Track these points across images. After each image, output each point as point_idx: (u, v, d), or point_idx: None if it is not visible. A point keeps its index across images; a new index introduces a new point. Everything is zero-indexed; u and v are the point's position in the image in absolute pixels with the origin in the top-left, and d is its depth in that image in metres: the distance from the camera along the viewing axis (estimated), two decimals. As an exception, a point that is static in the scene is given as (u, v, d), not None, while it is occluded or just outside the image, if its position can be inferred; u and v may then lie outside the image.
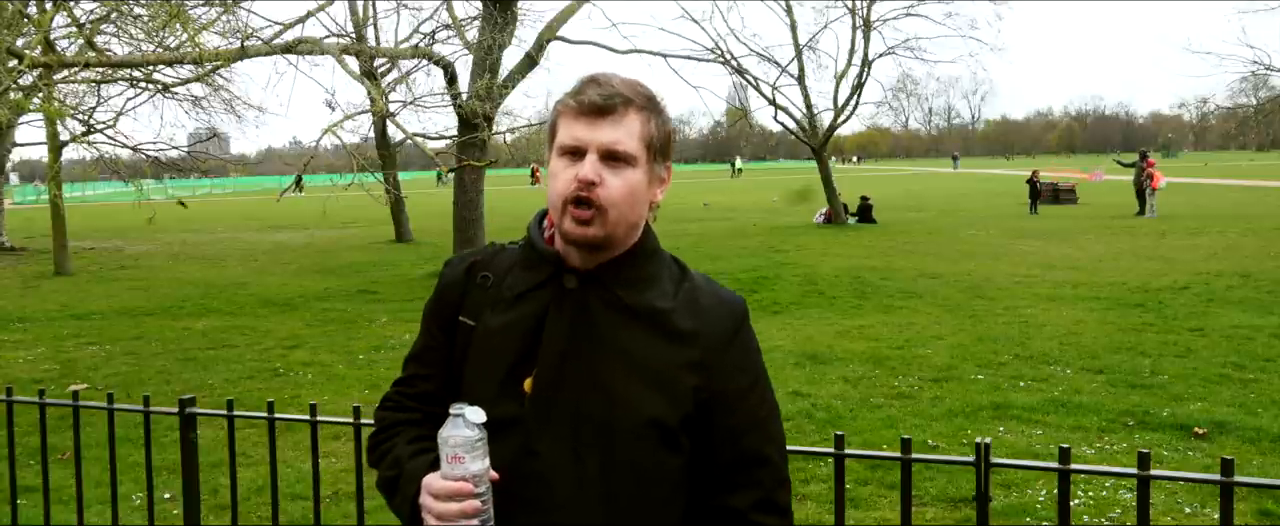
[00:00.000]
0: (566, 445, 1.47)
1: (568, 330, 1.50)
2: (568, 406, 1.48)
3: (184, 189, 62.69)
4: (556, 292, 1.52)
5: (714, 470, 1.53)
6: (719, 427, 1.52)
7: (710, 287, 1.58)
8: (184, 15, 11.89)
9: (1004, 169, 75.67)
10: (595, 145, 1.47)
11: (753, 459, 1.54)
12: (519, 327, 1.52)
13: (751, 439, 1.54)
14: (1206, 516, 4.55)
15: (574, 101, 1.49)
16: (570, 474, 1.47)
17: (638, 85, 1.53)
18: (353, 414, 2.85)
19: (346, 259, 18.40)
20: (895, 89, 30.17)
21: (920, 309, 10.77)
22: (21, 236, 24.24)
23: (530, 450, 1.48)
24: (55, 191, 16.03)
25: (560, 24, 15.17)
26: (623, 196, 1.48)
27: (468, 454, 1.43)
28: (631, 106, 1.49)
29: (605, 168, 1.47)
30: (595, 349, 1.49)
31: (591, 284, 1.52)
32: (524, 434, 1.49)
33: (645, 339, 1.49)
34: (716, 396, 1.51)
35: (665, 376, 1.48)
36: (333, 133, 13.07)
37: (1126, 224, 21.62)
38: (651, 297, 1.52)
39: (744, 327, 1.56)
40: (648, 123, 1.50)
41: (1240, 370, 7.41)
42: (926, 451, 5.38)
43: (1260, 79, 26.18)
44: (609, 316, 1.50)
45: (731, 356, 1.53)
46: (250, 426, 5.81)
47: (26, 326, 11.13)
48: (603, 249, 1.51)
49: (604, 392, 1.47)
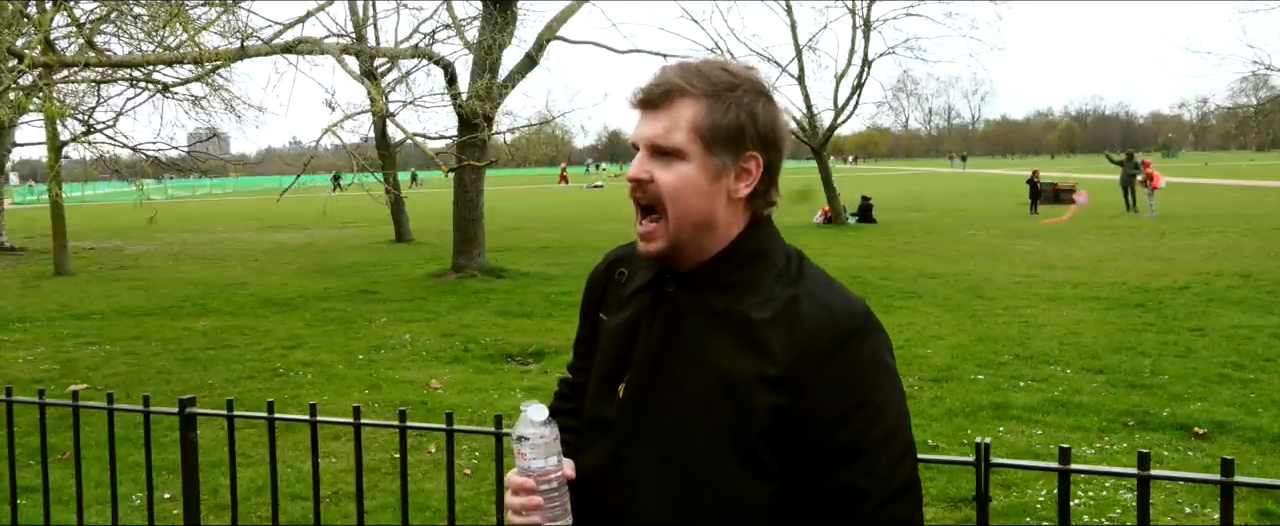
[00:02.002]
0: (653, 455, 1.41)
1: (660, 335, 1.43)
2: (656, 415, 1.41)
3: (184, 189, 62.88)
4: (656, 295, 1.46)
5: (812, 502, 1.36)
6: (811, 456, 1.35)
7: (823, 295, 1.39)
8: (184, 15, 11.89)
9: (1006, 169, 75.65)
10: (642, 140, 1.40)
11: (847, 491, 1.33)
12: (623, 329, 1.48)
13: (848, 470, 1.33)
14: (1206, 516, 4.55)
15: (631, 97, 1.42)
16: (653, 486, 1.40)
17: (708, 69, 1.40)
18: (353, 414, 2.85)
19: (346, 259, 18.39)
20: (895, 89, 30.42)
21: (920, 309, 10.77)
22: (21, 236, 24.24)
23: (618, 457, 1.44)
24: (56, 191, 16.03)
25: (560, 24, 15.18)
26: (674, 192, 1.38)
27: (530, 450, 1.43)
28: (684, 95, 1.38)
29: (655, 163, 1.39)
30: (681, 357, 1.40)
31: (687, 287, 1.43)
32: (613, 440, 1.45)
33: (728, 349, 1.37)
34: (807, 419, 1.34)
35: (741, 391, 1.35)
36: (333, 133, 13.09)
37: (1126, 224, 21.62)
38: (745, 305, 1.39)
39: (851, 343, 1.35)
40: (704, 111, 1.37)
41: (1240, 370, 7.41)
42: (926, 451, 5.38)
43: (1260, 79, 26.20)
44: (697, 323, 1.41)
45: (828, 375, 1.34)
46: (250, 426, 5.81)
47: (26, 326, 11.13)
48: (683, 255, 1.42)
49: (684, 404, 1.38)
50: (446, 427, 2.69)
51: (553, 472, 1.44)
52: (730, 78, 1.39)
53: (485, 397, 7.11)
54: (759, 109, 1.40)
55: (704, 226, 1.41)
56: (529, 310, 11.01)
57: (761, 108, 1.40)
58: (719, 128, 1.37)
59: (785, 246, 1.47)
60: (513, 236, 21.24)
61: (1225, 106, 30.37)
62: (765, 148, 1.41)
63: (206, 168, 21.18)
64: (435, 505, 4.81)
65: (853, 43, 24.54)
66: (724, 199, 1.41)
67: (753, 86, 1.40)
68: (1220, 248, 16.13)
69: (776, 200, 1.47)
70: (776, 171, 1.44)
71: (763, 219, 1.46)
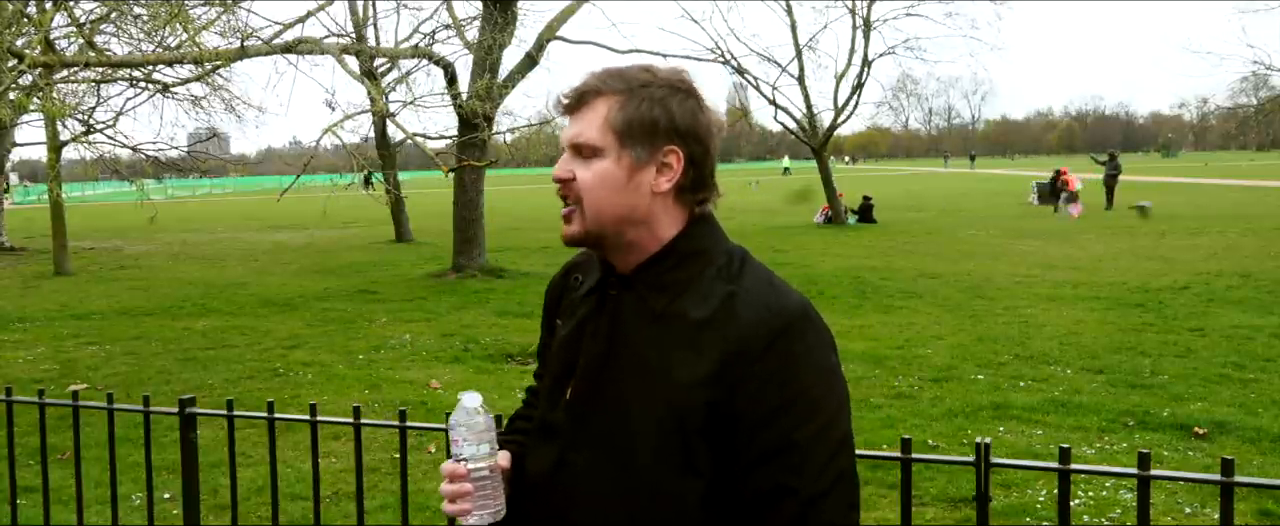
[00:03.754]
0: (596, 459, 1.42)
1: (601, 340, 1.44)
2: (599, 418, 1.42)
3: (184, 189, 62.89)
4: (601, 298, 1.48)
5: (743, 501, 1.36)
6: (742, 454, 1.34)
7: (761, 293, 1.38)
8: (184, 15, 11.89)
9: (1006, 169, 75.64)
10: (565, 140, 1.44)
11: (777, 490, 1.33)
12: (571, 333, 1.51)
13: (777, 468, 1.32)
14: (1206, 516, 4.55)
15: (555, 102, 1.47)
16: (595, 490, 1.41)
17: (628, 69, 1.44)
18: (353, 414, 2.85)
19: (346, 259, 18.39)
20: (895, 89, 30.32)
21: (920, 309, 10.77)
22: (21, 236, 24.24)
23: (563, 461, 1.45)
24: (56, 191, 16.03)
25: (560, 24, 15.18)
26: (590, 188, 1.40)
27: (462, 438, 1.45)
28: (600, 95, 1.41)
29: (576, 162, 1.42)
30: (623, 359, 1.41)
31: (628, 289, 1.44)
32: (561, 443, 1.46)
33: (666, 350, 1.37)
34: (739, 416, 1.33)
35: (678, 391, 1.35)
36: (333, 133, 13.08)
37: (1126, 224, 21.62)
38: (683, 304, 1.39)
39: (785, 341, 1.34)
40: (616, 107, 1.39)
41: (1240, 370, 7.41)
42: (926, 451, 5.38)
43: (1260, 79, 26.21)
44: (638, 325, 1.41)
45: (761, 372, 1.33)
46: (250, 426, 5.81)
47: (26, 326, 11.13)
48: (609, 248, 1.45)
49: (626, 409, 1.39)
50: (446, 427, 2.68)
51: (483, 461, 1.45)
52: (647, 76, 1.42)
53: (485, 398, 7.09)
54: (675, 104, 1.40)
55: (628, 222, 1.41)
56: (529, 310, 11.00)
57: (678, 102, 1.41)
58: (631, 121, 1.39)
59: (728, 245, 1.46)
60: (513, 236, 21.24)
61: (1225, 106, 30.41)
62: (685, 141, 1.41)
63: (206, 168, 21.17)
64: (435, 505, 4.81)
65: (853, 43, 24.55)
66: (646, 193, 1.41)
67: (670, 82, 1.41)
68: (1220, 248, 16.13)
69: (712, 196, 1.46)
70: (704, 166, 1.43)
71: (701, 217, 1.46)
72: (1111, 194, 27.05)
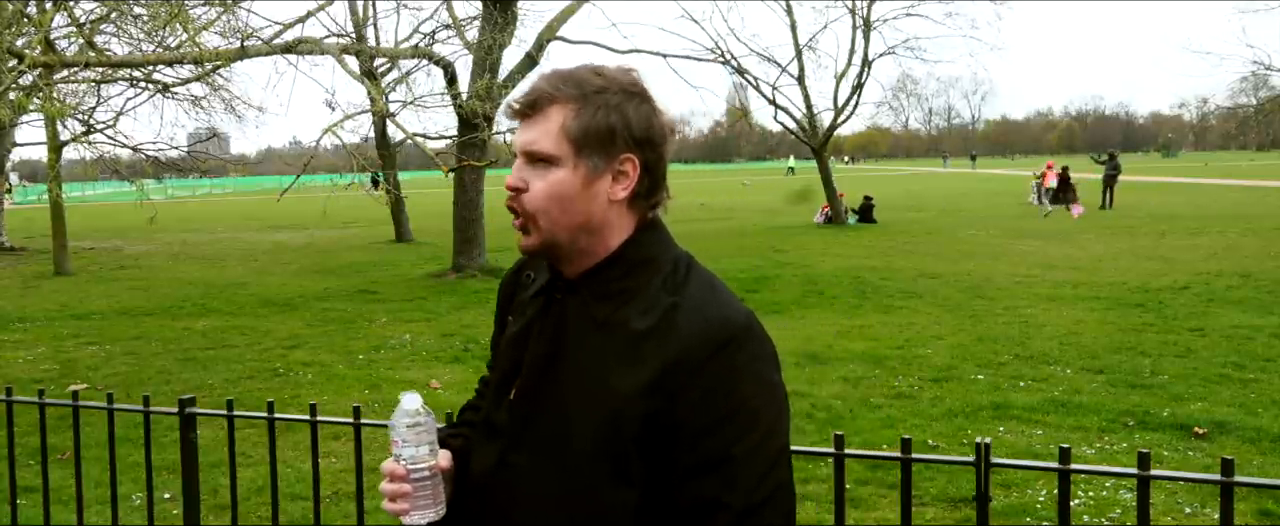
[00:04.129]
0: (534, 462, 1.42)
1: (545, 343, 1.44)
2: (539, 422, 1.42)
3: (184, 189, 62.89)
4: (547, 301, 1.48)
5: (676, 511, 1.34)
6: (676, 464, 1.33)
7: (703, 304, 1.37)
8: (184, 15, 11.89)
9: (1006, 169, 75.62)
10: (518, 148, 1.41)
11: (709, 502, 1.31)
12: (518, 334, 1.51)
13: (711, 480, 1.31)
14: (1206, 516, 4.55)
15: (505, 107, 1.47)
16: (537, 492, 1.41)
17: (580, 73, 1.40)
18: (353, 414, 2.85)
19: (346, 259, 18.39)
20: (895, 89, 30.30)
21: (920, 309, 10.77)
22: (21, 236, 24.24)
23: (505, 461, 1.45)
24: (56, 191, 16.03)
25: (560, 24, 15.19)
26: (544, 199, 1.38)
27: (401, 438, 1.45)
28: (553, 101, 1.38)
29: (531, 171, 1.40)
30: (564, 364, 1.41)
31: (574, 295, 1.44)
32: (504, 444, 1.46)
33: (607, 358, 1.36)
34: (676, 428, 1.32)
35: (617, 400, 1.34)
36: (333, 133, 13.08)
37: (1126, 224, 21.62)
38: (626, 314, 1.38)
39: (725, 353, 1.33)
40: (572, 115, 1.37)
41: (1240, 370, 7.41)
42: (926, 451, 5.38)
43: (1260, 79, 26.23)
44: (581, 331, 1.41)
45: (699, 384, 1.31)
46: (250, 426, 5.81)
47: (26, 326, 11.13)
48: (562, 256, 1.43)
49: (565, 412, 1.39)
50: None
51: (423, 462, 1.45)
52: (601, 81, 1.39)
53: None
54: (631, 110, 1.39)
55: (583, 229, 1.40)
56: (529, 310, 10.99)
57: (634, 108, 1.39)
58: (589, 130, 1.37)
59: (675, 252, 1.46)
60: (512, 236, 20.96)
61: (1225, 106, 30.44)
62: (641, 148, 1.40)
63: (206, 168, 21.17)
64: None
65: (853, 43, 24.55)
66: (603, 202, 1.40)
67: (624, 88, 1.40)
68: (1220, 248, 16.13)
69: (664, 201, 1.46)
70: (657, 171, 1.43)
71: (650, 223, 1.45)
72: (1111, 193, 27.25)
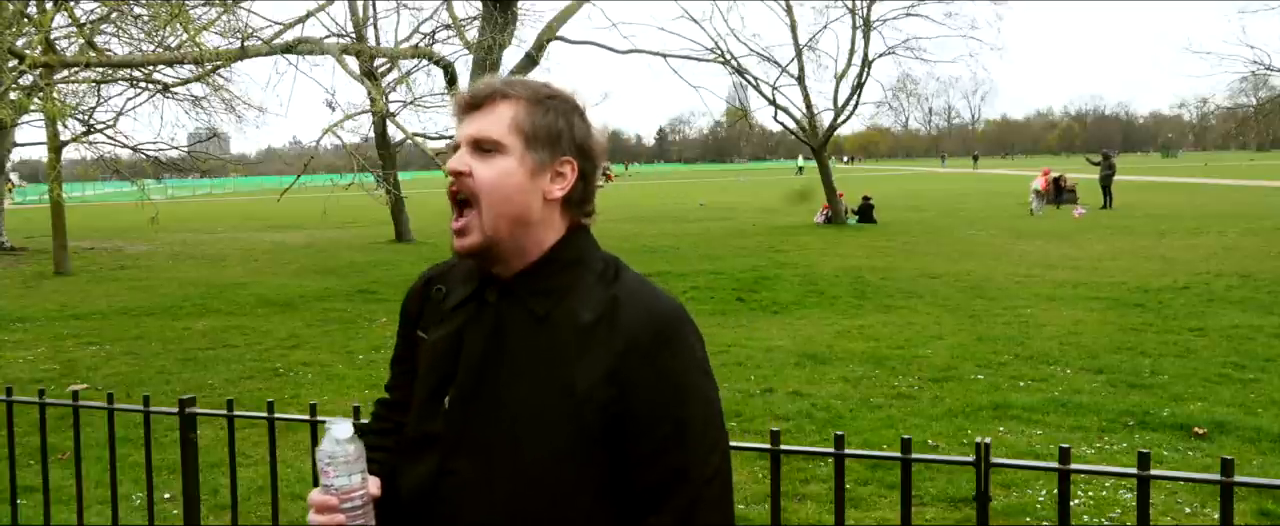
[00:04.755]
0: (481, 465, 1.43)
1: (483, 345, 1.47)
2: (483, 425, 1.44)
3: (184, 189, 62.88)
4: (479, 306, 1.50)
5: (637, 489, 1.43)
6: (638, 444, 1.42)
7: (641, 295, 1.46)
8: (184, 15, 11.90)
9: (1006, 169, 75.64)
10: (465, 137, 1.47)
11: (672, 475, 1.42)
12: (447, 342, 1.50)
13: (672, 456, 1.42)
14: (1206, 516, 4.55)
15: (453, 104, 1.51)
16: (482, 495, 1.43)
17: (529, 80, 1.50)
18: (353, 414, 2.85)
19: (346, 259, 18.39)
20: (895, 89, 30.12)
21: (920, 309, 10.76)
22: (21, 236, 24.24)
23: (445, 469, 1.46)
24: (56, 191, 16.04)
25: (560, 24, 15.18)
26: (490, 184, 1.44)
27: (333, 468, 1.43)
28: (506, 97, 1.47)
29: (474, 157, 1.46)
30: (509, 365, 1.44)
31: (509, 296, 1.48)
32: (442, 453, 1.47)
33: (555, 352, 1.42)
34: (633, 411, 1.41)
35: (573, 392, 1.40)
36: (333, 133, 13.10)
37: (1126, 224, 21.63)
38: (568, 307, 1.44)
39: (670, 338, 1.43)
40: (523, 112, 1.46)
41: (1240, 370, 7.41)
42: (926, 451, 5.38)
43: (1260, 79, 26.26)
44: (521, 329, 1.45)
45: (652, 368, 1.41)
46: (250, 426, 5.81)
47: (26, 326, 11.13)
48: (499, 256, 1.47)
49: (515, 411, 1.43)
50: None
51: (356, 490, 1.45)
52: (549, 90, 1.50)
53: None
54: (576, 120, 1.49)
55: (519, 223, 1.46)
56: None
57: (578, 119, 1.49)
58: (538, 127, 1.45)
59: (603, 254, 1.53)
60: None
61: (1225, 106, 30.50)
62: (581, 156, 1.49)
63: (206, 168, 21.20)
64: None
65: (853, 43, 24.52)
66: (540, 199, 1.47)
67: (569, 100, 1.50)
68: (1220, 248, 16.13)
69: (593, 212, 1.54)
70: (591, 183, 1.51)
71: (581, 227, 1.52)
72: (1108, 193, 27.36)
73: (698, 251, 17.59)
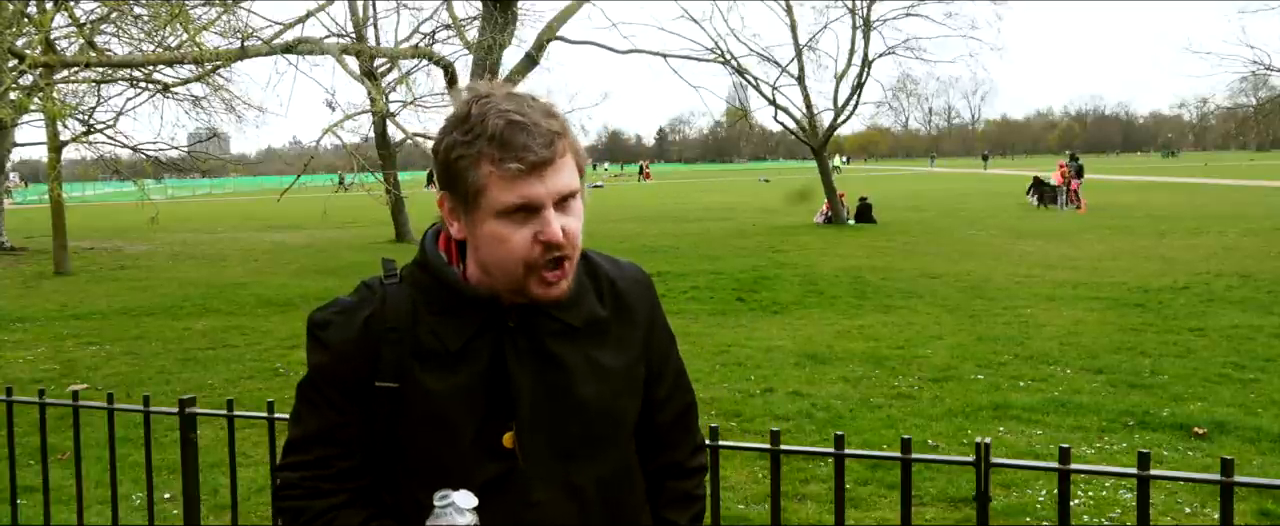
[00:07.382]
0: (560, 483, 1.44)
1: (533, 372, 1.43)
2: (556, 445, 1.44)
3: (184, 189, 62.89)
4: (502, 337, 1.42)
5: (659, 432, 1.61)
6: (662, 393, 1.59)
7: (615, 270, 1.55)
8: (184, 15, 11.90)
9: (1006, 169, 75.64)
10: (550, 195, 1.34)
11: (686, 410, 1.65)
12: (476, 385, 1.41)
13: (683, 394, 1.64)
14: (1206, 516, 4.55)
15: (517, 163, 1.31)
16: (572, 508, 1.45)
17: (549, 107, 1.38)
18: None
19: (346, 259, 18.38)
20: (895, 89, 30.17)
21: (920, 309, 10.76)
22: (21, 236, 24.23)
23: (529, 503, 1.42)
24: (56, 191, 16.04)
25: (560, 24, 15.17)
26: (578, 232, 1.40)
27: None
28: (561, 136, 1.36)
29: (562, 215, 1.36)
30: (563, 378, 1.44)
31: (530, 317, 1.43)
32: (519, 489, 1.42)
33: (598, 348, 1.48)
34: (656, 367, 1.58)
35: (629, 374, 1.52)
36: (333, 133, 13.10)
37: (1126, 224, 21.63)
38: (586, 308, 1.48)
39: (652, 293, 1.60)
40: (573, 146, 1.38)
41: (1240, 370, 7.41)
42: (926, 451, 5.38)
43: (1260, 79, 26.29)
44: (561, 342, 1.44)
45: (659, 327, 1.59)
46: (250, 426, 5.80)
47: (26, 326, 11.13)
48: None
49: (586, 416, 1.45)
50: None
51: None
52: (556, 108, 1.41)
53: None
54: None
55: None
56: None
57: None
58: (582, 156, 1.44)
59: None
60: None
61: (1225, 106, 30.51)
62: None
63: (206, 168, 21.21)
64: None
65: (853, 43, 24.52)
66: None
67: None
68: (1220, 248, 16.13)
69: None
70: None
71: None
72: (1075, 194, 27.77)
73: (698, 251, 17.59)
